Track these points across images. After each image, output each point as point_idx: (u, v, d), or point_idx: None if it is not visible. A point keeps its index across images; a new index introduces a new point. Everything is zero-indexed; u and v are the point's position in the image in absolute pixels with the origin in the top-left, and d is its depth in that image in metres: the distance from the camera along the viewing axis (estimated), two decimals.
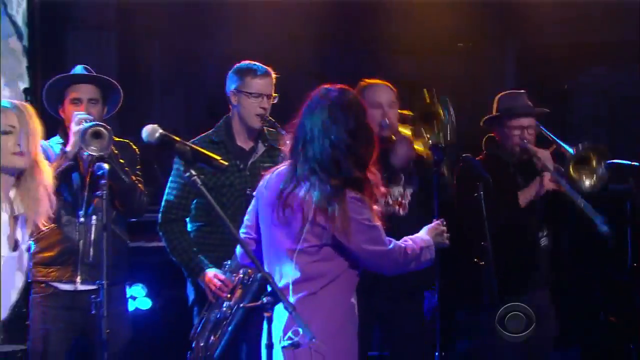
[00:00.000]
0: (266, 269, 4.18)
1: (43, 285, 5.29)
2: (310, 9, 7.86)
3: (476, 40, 8.12)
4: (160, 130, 4.10)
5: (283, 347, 4.03)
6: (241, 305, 4.75)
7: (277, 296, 3.74)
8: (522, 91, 5.93)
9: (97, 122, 5.14)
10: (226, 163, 4.40)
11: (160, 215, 5.43)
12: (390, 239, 4.21)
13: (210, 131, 5.47)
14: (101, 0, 8.22)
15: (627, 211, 6.04)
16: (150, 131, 4.10)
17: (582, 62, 7.85)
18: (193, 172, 3.95)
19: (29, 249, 4.29)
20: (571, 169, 5.70)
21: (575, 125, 7.42)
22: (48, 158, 5.05)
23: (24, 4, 8.26)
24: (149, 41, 8.16)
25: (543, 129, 5.85)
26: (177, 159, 5.24)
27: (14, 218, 4.15)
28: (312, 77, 7.68)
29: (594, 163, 5.76)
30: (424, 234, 4.38)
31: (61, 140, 5.38)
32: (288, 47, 7.38)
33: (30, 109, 4.17)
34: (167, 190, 5.43)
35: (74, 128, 5.13)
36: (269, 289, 3.83)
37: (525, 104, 5.87)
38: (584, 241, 7.02)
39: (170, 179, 5.42)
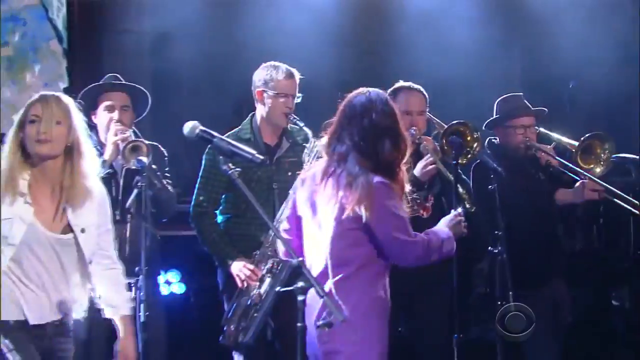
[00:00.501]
0: (306, 256, 4.35)
1: None
2: (329, 14, 8.05)
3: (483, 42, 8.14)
4: (200, 127, 4.18)
5: (317, 327, 4.18)
6: (276, 289, 4.85)
7: (310, 282, 3.82)
8: (520, 93, 6.00)
9: (136, 139, 5.26)
10: (262, 157, 4.35)
11: (191, 208, 5.56)
12: (415, 232, 4.29)
13: (237, 129, 5.58)
14: (135, 6, 8.36)
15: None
16: (191, 127, 4.17)
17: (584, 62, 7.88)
18: (231, 166, 4.05)
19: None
20: (580, 161, 5.77)
21: (577, 122, 7.44)
22: None
23: (63, 9, 8.41)
24: (178, 44, 8.25)
25: (542, 129, 5.95)
26: (206, 155, 5.45)
27: (64, 205, 4.21)
28: (331, 78, 7.83)
29: (598, 150, 5.80)
30: (443, 226, 4.44)
31: (94, 145, 5.46)
32: (309, 49, 7.49)
33: (63, 100, 4.24)
34: (197, 185, 5.56)
35: (110, 138, 5.27)
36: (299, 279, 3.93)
37: (525, 104, 5.94)
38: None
39: (201, 174, 5.54)
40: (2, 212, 4.07)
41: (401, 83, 5.68)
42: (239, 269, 5.35)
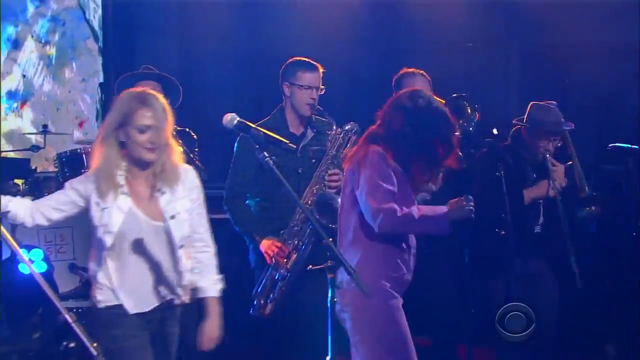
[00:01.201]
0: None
1: None
2: (341, 13, 8.19)
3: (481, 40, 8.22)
4: (238, 118, 4.34)
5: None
6: (308, 268, 4.86)
7: (339, 260, 3.92)
8: (554, 104, 5.82)
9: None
10: (294, 146, 4.65)
11: (225, 192, 5.67)
12: (393, 204, 4.27)
13: (266, 119, 5.67)
14: (164, 8, 8.47)
15: (623, 190, 6.27)
16: (230, 119, 4.33)
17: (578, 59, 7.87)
18: (266, 154, 4.13)
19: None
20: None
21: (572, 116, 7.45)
22: None
23: (99, 11, 8.61)
24: (204, 43, 8.39)
25: (569, 144, 5.84)
26: (238, 143, 5.58)
27: (156, 193, 4.26)
28: (343, 74, 7.96)
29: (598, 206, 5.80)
30: (443, 207, 4.41)
31: None
32: (323, 47, 7.55)
33: (166, 107, 4.25)
34: (230, 171, 5.64)
35: None
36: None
37: (557, 120, 5.76)
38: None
39: (233, 161, 5.63)
40: (102, 202, 4.14)
41: (405, 70, 5.85)
42: (268, 246, 5.48)
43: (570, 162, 5.81)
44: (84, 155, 7.16)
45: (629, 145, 5.93)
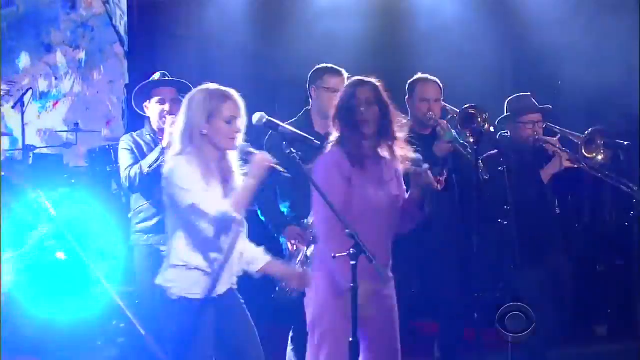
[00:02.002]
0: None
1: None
2: (361, 18, 8.31)
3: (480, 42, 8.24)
4: (267, 116, 4.35)
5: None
6: (332, 255, 4.63)
7: (361, 249, 3.96)
8: (528, 93, 6.08)
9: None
10: (318, 142, 4.57)
11: None
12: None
13: (294, 119, 5.68)
14: (185, 15, 8.56)
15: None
16: (259, 117, 4.34)
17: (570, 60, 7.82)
18: (293, 150, 4.18)
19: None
20: (584, 150, 5.92)
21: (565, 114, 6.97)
22: (140, 147, 5.56)
23: (125, 17, 8.68)
24: (221, 46, 8.49)
25: (548, 124, 6.08)
26: (267, 142, 5.50)
27: (223, 186, 4.35)
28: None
29: (599, 141, 5.95)
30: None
31: (148, 132, 5.66)
32: (344, 51, 7.61)
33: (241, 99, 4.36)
34: None
35: (167, 128, 5.38)
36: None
37: (533, 103, 6.05)
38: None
39: None
40: (193, 198, 4.16)
41: (419, 75, 5.92)
42: (290, 233, 5.55)
43: (558, 135, 6.05)
44: (112, 151, 7.28)
45: (622, 142, 5.99)
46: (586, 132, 5.95)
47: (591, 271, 7.53)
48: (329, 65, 5.75)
